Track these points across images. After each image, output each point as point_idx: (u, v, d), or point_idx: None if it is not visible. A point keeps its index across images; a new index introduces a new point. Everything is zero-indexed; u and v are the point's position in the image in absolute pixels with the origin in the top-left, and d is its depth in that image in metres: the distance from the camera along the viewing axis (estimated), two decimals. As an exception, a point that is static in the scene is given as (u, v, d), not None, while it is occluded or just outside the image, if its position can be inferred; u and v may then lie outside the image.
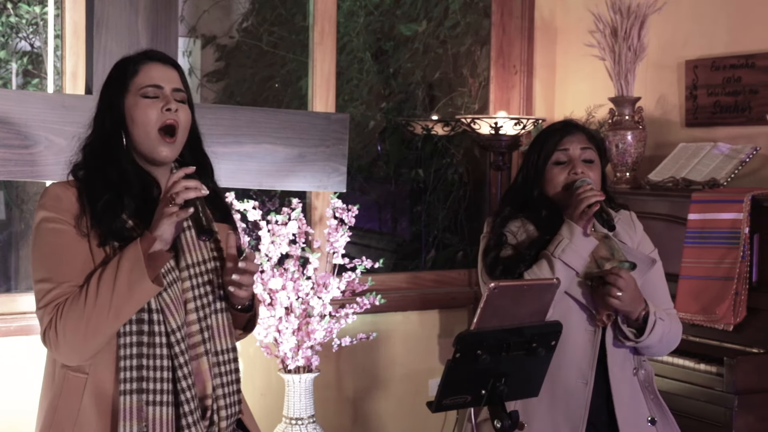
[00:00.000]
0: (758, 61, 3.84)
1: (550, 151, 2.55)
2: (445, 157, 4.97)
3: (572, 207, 2.46)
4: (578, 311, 2.49)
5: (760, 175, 3.81)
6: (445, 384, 1.94)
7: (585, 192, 2.45)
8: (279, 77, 4.80)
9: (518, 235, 2.55)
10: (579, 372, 2.47)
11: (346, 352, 4.22)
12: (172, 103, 2.13)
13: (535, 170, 2.57)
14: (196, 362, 2.11)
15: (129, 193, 2.10)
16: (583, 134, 2.60)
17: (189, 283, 2.12)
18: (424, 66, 4.95)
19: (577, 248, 2.44)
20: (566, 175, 2.53)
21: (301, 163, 3.82)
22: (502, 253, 2.53)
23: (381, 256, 4.23)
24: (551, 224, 2.52)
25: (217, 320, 2.16)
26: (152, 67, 2.16)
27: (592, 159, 2.56)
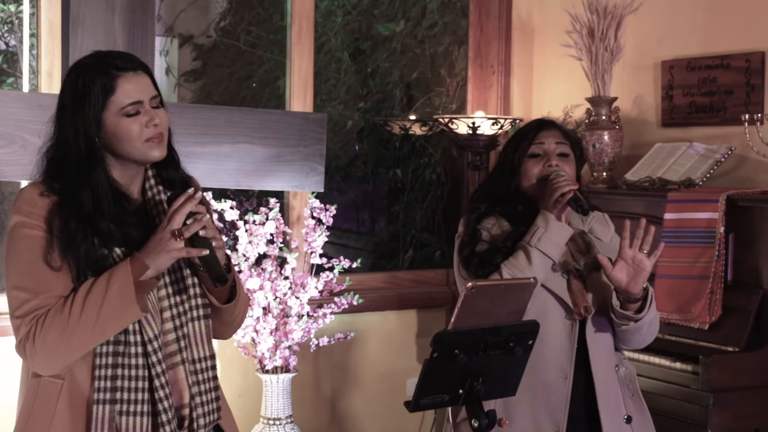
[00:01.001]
0: (733, 61, 3.86)
1: (526, 145, 2.59)
2: (423, 157, 4.98)
3: (547, 197, 2.49)
4: (555, 305, 2.50)
5: (735, 175, 3.84)
6: (422, 383, 1.94)
7: (559, 182, 2.49)
8: (256, 77, 4.79)
9: (493, 231, 2.57)
10: (558, 367, 2.49)
11: (324, 352, 4.22)
12: (156, 117, 2.07)
13: (511, 164, 2.60)
14: (173, 371, 2.08)
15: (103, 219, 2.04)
16: (559, 131, 2.64)
17: (165, 290, 2.10)
18: (401, 66, 4.95)
19: (552, 236, 2.46)
20: (541, 167, 2.56)
21: (279, 163, 3.81)
22: (477, 248, 2.54)
23: (359, 255, 4.23)
24: (526, 219, 2.53)
25: (194, 328, 2.13)
26: (127, 80, 2.05)
27: (566, 153, 2.60)
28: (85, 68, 2.09)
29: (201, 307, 2.14)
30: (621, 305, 2.47)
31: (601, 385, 2.50)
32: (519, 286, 2.07)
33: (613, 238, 2.66)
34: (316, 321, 3.91)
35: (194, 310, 2.14)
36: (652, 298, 2.49)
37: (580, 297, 2.49)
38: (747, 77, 3.81)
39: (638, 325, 2.49)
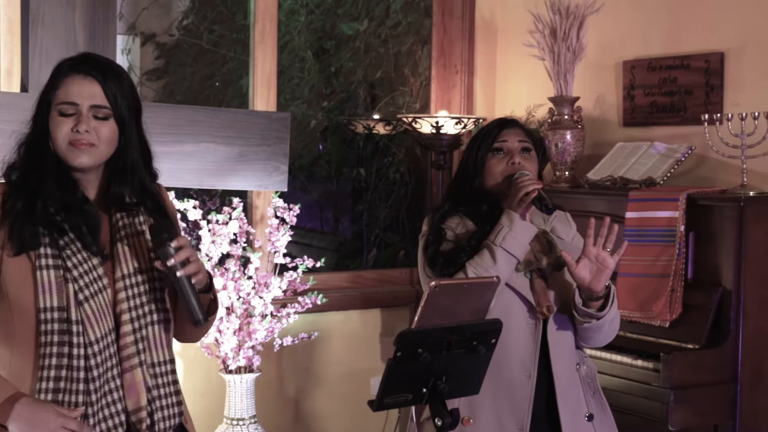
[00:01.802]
0: (693, 62, 3.90)
1: (489, 142, 2.61)
2: (387, 156, 4.98)
3: (511, 196, 2.51)
4: (519, 304, 2.51)
5: (695, 174, 3.88)
6: (386, 383, 1.94)
7: (523, 181, 2.50)
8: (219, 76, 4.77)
9: (457, 230, 2.57)
10: (522, 365, 2.50)
11: (288, 351, 4.21)
12: (83, 123, 2.05)
13: (474, 162, 2.61)
14: (131, 374, 2.07)
15: (46, 202, 2.05)
16: (521, 129, 2.66)
17: (124, 293, 2.08)
18: (365, 65, 4.95)
19: (517, 235, 2.47)
20: (505, 165, 2.58)
21: (242, 162, 3.79)
22: (442, 247, 2.54)
23: (322, 255, 4.22)
24: (490, 218, 2.54)
25: (153, 331, 2.12)
26: (73, 81, 2.07)
27: (529, 148, 2.62)
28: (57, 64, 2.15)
29: (161, 311, 2.14)
30: (583, 303, 2.49)
31: (561, 384, 2.52)
32: (482, 285, 2.08)
33: (575, 237, 2.68)
34: (280, 321, 3.90)
35: (154, 313, 2.12)
36: (614, 296, 2.51)
37: (543, 296, 2.50)
38: (706, 77, 3.85)
39: (600, 323, 2.50)
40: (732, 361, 3.34)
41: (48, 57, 3.32)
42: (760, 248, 3.39)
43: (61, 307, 2.02)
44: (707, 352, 3.32)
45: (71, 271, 2.02)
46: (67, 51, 2.61)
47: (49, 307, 2.01)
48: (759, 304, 3.39)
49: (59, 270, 2.03)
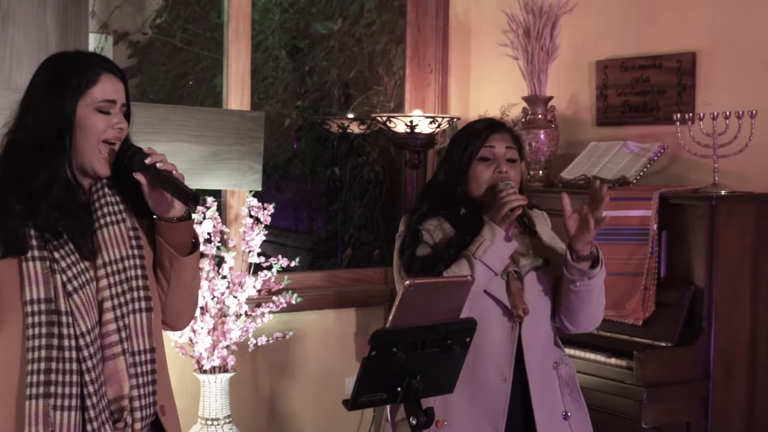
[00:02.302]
0: (665, 62, 3.93)
1: (476, 147, 2.56)
2: (361, 156, 4.98)
3: (495, 210, 2.47)
4: (496, 309, 2.51)
5: (668, 173, 3.90)
6: (360, 382, 1.94)
7: (509, 195, 2.47)
8: (193, 75, 4.74)
9: (434, 234, 2.55)
10: (498, 369, 2.49)
11: (262, 351, 4.20)
12: (123, 121, 2.13)
13: (459, 166, 2.57)
14: (113, 362, 2.07)
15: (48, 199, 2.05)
16: (509, 134, 2.62)
17: (106, 281, 2.08)
18: (339, 64, 4.94)
19: (498, 250, 2.45)
20: (491, 173, 2.54)
21: (216, 162, 3.78)
22: (418, 252, 2.53)
23: (297, 254, 4.22)
24: (469, 224, 2.53)
25: (135, 320, 2.12)
26: (109, 79, 2.12)
27: (515, 159, 2.58)
28: (67, 59, 2.16)
29: (144, 299, 2.14)
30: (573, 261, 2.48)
31: (536, 385, 2.52)
32: (456, 284, 2.08)
33: (554, 240, 2.67)
34: (255, 320, 3.89)
35: (137, 301, 2.12)
36: (602, 260, 2.51)
37: (519, 298, 2.50)
38: (678, 77, 3.88)
39: (589, 287, 2.47)
40: (704, 358, 3.37)
41: (19, 55, 3.30)
42: (732, 247, 3.42)
43: (48, 299, 2.01)
44: (680, 350, 3.34)
45: (59, 263, 2.02)
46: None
47: (36, 299, 2.01)
48: (730, 302, 3.42)
49: (45, 261, 2.03)
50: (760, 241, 3.50)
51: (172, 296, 2.23)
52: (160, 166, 2.10)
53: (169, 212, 2.14)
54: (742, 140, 3.48)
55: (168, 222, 2.15)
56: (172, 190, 2.09)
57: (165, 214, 2.14)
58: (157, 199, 2.13)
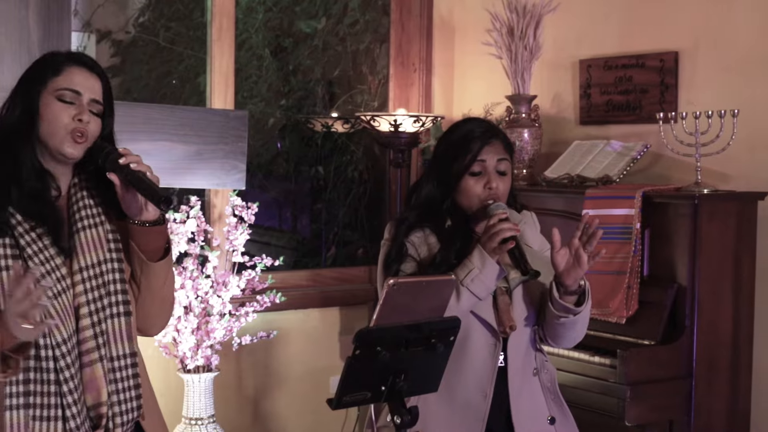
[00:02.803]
0: (648, 61, 3.94)
1: (468, 162, 2.49)
2: (345, 155, 4.98)
3: (486, 237, 2.40)
4: (479, 327, 2.48)
5: (651, 172, 3.92)
6: (345, 381, 1.93)
7: (501, 224, 2.39)
8: (177, 74, 4.73)
9: (419, 247, 2.51)
10: (478, 385, 2.47)
11: (247, 350, 4.19)
12: (86, 114, 2.09)
13: (447, 180, 2.51)
14: (90, 369, 2.05)
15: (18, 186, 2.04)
16: (501, 143, 2.54)
17: (82, 286, 2.06)
18: (323, 63, 4.94)
19: (485, 279, 2.41)
20: (481, 188, 2.48)
21: (200, 161, 3.77)
22: (403, 267, 2.49)
23: (281, 253, 4.22)
24: (455, 238, 2.49)
25: (113, 325, 2.09)
26: (76, 71, 2.10)
27: (506, 171, 2.52)
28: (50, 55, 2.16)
29: (122, 303, 2.11)
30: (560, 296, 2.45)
31: (517, 399, 2.50)
32: (440, 283, 2.08)
33: (543, 245, 2.63)
34: (239, 320, 3.89)
35: (114, 306, 2.10)
36: (589, 293, 2.48)
37: (506, 315, 2.47)
38: (661, 76, 3.89)
39: (574, 319, 2.46)
40: (687, 356, 3.38)
41: (1, 55, 3.28)
42: (714, 245, 3.44)
43: None
44: (663, 348, 3.35)
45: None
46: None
47: None
48: (713, 300, 3.44)
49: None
50: (742, 240, 3.52)
51: (142, 302, 2.18)
52: (134, 166, 2.06)
53: (141, 215, 2.10)
54: (724, 139, 3.50)
55: (140, 226, 2.11)
56: (145, 192, 2.05)
57: (137, 217, 2.11)
58: (130, 200, 2.09)
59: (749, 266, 3.55)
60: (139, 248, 2.13)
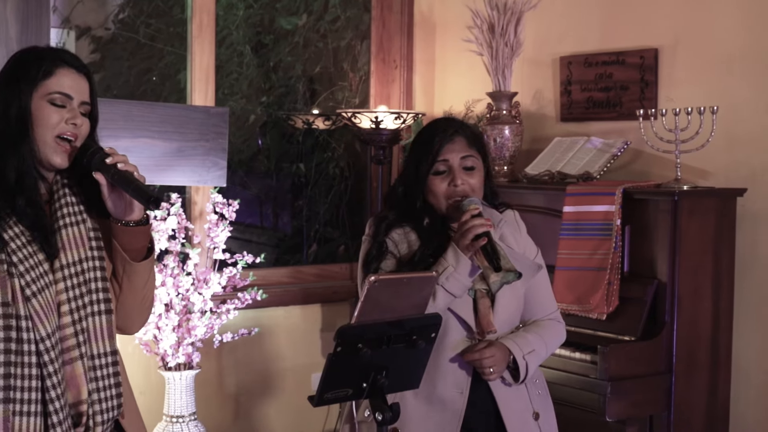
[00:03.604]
0: (628, 58, 3.96)
1: (430, 162, 2.49)
2: (326, 151, 4.97)
3: (459, 234, 2.40)
4: (456, 326, 2.48)
5: (631, 169, 3.94)
6: (326, 378, 1.94)
7: (472, 221, 2.38)
8: (157, 70, 4.71)
9: (399, 245, 2.51)
10: (455, 382, 2.47)
11: (228, 348, 4.19)
12: (78, 117, 2.08)
13: (415, 181, 2.52)
14: (71, 366, 2.03)
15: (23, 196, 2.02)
16: (464, 139, 2.52)
17: (63, 284, 2.05)
18: (304, 60, 4.93)
19: (461, 277, 2.40)
20: (447, 186, 2.48)
21: (180, 158, 3.76)
22: (383, 265, 2.49)
23: (262, 250, 4.21)
24: (433, 235, 2.49)
25: (94, 323, 2.08)
26: (67, 73, 2.09)
27: (473, 166, 2.51)
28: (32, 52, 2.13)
29: (103, 301, 2.10)
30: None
31: (500, 393, 2.50)
32: (421, 280, 2.09)
33: (526, 246, 2.62)
34: (220, 317, 3.88)
35: (95, 304, 2.09)
36: (527, 368, 2.48)
37: (486, 319, 2.46)
38: (641, 73, 3.91)
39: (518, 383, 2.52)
40: (667, 352, 3.40)
41: (-20, 50, 3.26)
42: (694, 241, 3.45)
43: (5, 303, 1.98)
44: (643, 344, 3.37)
45: (17, 266, 1.99)
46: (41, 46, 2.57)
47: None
48: (692, 296, 3.46)
49: (3, 264, 1.99)
50: (721, 236, 3.54)
51: (123, 301, 2.17)
52: (122, 166, 2.05)
53: (127, 215, 2.09)
54: (703, 136, 3.51)
55: (125, 225, 2.10)
56: (133, 192, 2.04)
57: (123, 217, 2.10)
58: (116, 200, 2.08)
59: (728, 262, 3.57)
60: (122, 248, 2.12)
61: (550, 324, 2.63)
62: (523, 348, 2.49)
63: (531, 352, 2.50)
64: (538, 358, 2.53)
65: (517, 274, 2.39)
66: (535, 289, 2.59)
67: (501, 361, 2.45)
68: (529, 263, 2.54)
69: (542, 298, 2.63)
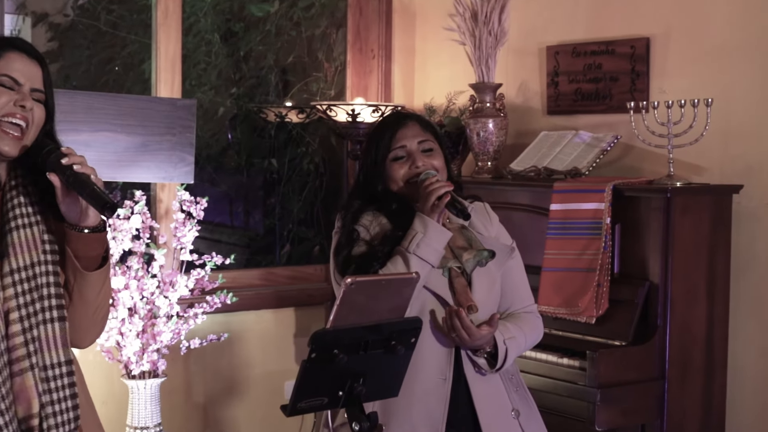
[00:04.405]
0: (618, 47, 3.97)
1: (386, 148, 2.57)
2: (300, 146, 4.97)
3: (422, 200, 2.48)
4: (435, 304, 2.51)
5: (622, 164, 3.95)
6: (300, 386, 1.93)
7: (432, 184, 2.48)
8: (119, 60, 4.69)
9: (371, 229, 2.56)
10: (438, 368, 2.50)
11: (196, 354, 4.18)
12: (27, 100, 2.05)
13: (374, 168, 2.59)
14: (20, 378, 2.00)
15: None
16: (418, 124, 2.62)
17: (12, 290, 2.01)
18: (276, 49, 4.92)
19: (431, 242, 2.46)
20: (407, 169, 2.56)
21: (145, 153, 3.75)
22: (354, 251, 2.52)
23: (232, 251, 4.21)
24: (403, 216, 2.53)
25: (46, 331, 2.04)
26: (16, 57, 2.06)
27: (431, 148, 2.59)
28: None
29: (56, 308, 2.06)
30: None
31: (476, 386, 2.53)
32: (400, 282, 2.08)
33: (499, 230, 2.67)
34: (187, 322, 3.88)
35: (48, 311, 2.05)
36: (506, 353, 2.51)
37: (464, 295, 2.49)
38: (632, 64, 3.92)
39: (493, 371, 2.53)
40: (659, 357, 3.41)
41: (-71, 38, 3.23)
42: (687, 241, 3.47)
43: None
44: (634, 349, 3.38)
45: None
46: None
47: None
48: (686, 298, 3.47)
49: None
50: (716, 235, 3.56)
51: (73, 312, 2.13)
52: (78, 168, 2.01)
53: (81, 220, 2.06)
54: (697, 129, 3.53)
55: (79, 231, 2.06)
56: (88, 196, 2.00)
57: (77, 222, 2.06)
58: (70, 204, 2.04)
59: (724, 262, 3.59)
60: (74, 255, 2.08)
61: (528, 317, 2.67)
62: (504, 333, 2.53)
63: (511, 338, 2.54)
64: (518, 347, 2.56)
65: (490, 252, 2.51)
66: (510, 277, 2.64)
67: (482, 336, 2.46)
68: (502, 245, 2.59)
69: (518, 288, 2.68)
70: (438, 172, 2.55)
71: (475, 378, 2.54)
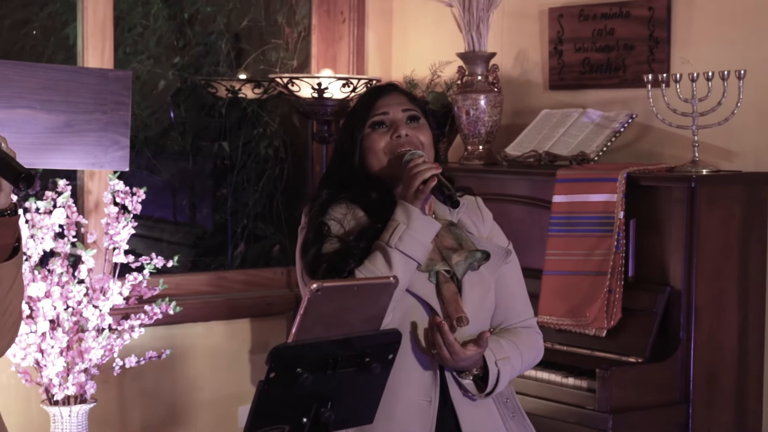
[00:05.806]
0: (633, 9, 3.98)
1: (365, 115, 2.59)
2: (257, 127, 4.97)
3: (405, 184, 2.48)
4: (420, 311, 2.50)
5: (637, 148, 3.96)
6: (256, 412, 1.93)
7: (418, 166, 2.47)
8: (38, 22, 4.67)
9: (345, 223, 2.55)
10: (422, 388, 2.50)
11: (132, 375, 4.17)
12: None
13: (351, 140, 2.59)
14: None
15: None
16: (403, 95, 2.65)
17: None
18: (228, 11, 4.92)
19: (416, 234, 2.45)
20: (389, 139, 2.56)
21: (70, 134, 3.75)
22: (324, 248, 2.51)
23: (176, 252, 4.20)
24: (384, 208, 2.53)
25: None
26: None
27: (417, 116, 2.60)
28: None
29: None
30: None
31: (463, 410, 2.52)
32: (375, 287, 2.08)
33: (493, 230, 2.67)
34: (121, 336, 3.88)
35: None
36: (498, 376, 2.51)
37: (454, 305, 2.48)
38: (650, 29, 3.93)
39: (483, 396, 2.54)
40: (683, 376, 3.43)
41: None
42: (715, 239, 3.48)
43: None
44: (653, 367, 3.39)
45: None
46: None
47: None
48: (714, 307, 3.48)
49: None
50: (749, 232, 3.57)
51: None
52: None
53: None
54: (727, 107, 3.54)
55: None
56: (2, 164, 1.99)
57: None
58: None
59: (758, 264, 3.60)
60: None
61: (527, 333, 2.66)
62: (496, 353, 2.53)
63: (504, 359, 2.53)
64: (512, 370, 2.56)
65: (484, 254, 2.50)
66: (505, 285, 2.64)
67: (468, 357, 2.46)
68: (496, 247, 2.59)
69: (514, 299, 2.68)
70: (425, 153, 2.54)
71: (463, 402, 2.54)
